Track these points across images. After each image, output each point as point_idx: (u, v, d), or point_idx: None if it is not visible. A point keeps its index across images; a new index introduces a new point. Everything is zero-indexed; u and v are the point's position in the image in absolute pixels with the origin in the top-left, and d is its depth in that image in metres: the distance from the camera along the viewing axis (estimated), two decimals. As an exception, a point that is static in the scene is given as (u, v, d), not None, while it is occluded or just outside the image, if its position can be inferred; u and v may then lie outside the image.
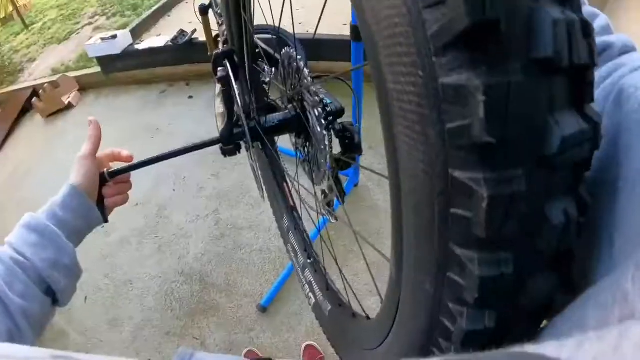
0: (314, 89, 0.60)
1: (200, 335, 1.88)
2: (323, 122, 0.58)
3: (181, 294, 2.02)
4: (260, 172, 0.98)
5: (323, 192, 0.71)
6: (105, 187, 0.72)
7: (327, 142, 0.58)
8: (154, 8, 4.61)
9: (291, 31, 0.65)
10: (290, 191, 1.09)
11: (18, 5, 6.57)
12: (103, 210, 0.72)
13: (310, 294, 0.86)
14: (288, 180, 1.09)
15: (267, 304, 1.87)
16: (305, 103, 0.65)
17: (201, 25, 1.74)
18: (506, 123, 0.18)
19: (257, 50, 0.87)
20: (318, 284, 0.84)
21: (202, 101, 3.30)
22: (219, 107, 0.89)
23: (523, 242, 0.21)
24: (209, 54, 1.87)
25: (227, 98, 0.77)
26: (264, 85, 0.93)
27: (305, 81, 0.61)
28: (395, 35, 0.21)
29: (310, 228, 1.14)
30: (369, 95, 2.17)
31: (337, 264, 0.75)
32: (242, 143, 0.81)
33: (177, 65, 3.59)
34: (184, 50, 3.43)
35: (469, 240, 0.21)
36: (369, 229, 2.02)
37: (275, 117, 0.74)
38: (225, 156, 0.82)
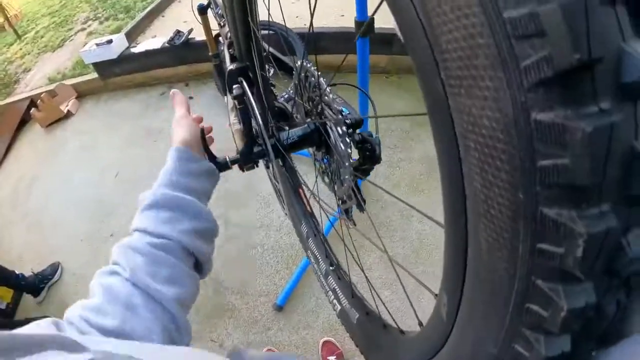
0: (332, 100, 0.59)
1: (218, 337, 1.87)
2: (344, 136, 0.56)
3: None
4: (281, 186, 0.96)
5: (341, 198, 0.70)
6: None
7: (349, 156, 0.57)
8: (147, 9, 4.55)
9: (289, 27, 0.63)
10: (307, 197, 1.06)
11: (9, 16, 6.52)
12: (215, 162, 0.70)
13: (335, 301, 0.84)
14: (304, 186, 1.07)
15: (283, 302, 1.87)
16: (324, 116, 0.64)
17: (197, 24, 1.73)
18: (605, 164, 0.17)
19: (264, 54, 0.85)
20: (343, 291, 0.83)
21: (203, 101, 3.28)
22: (235, 122, 0.88)
23: (604, 271, 0.20)
24: (210, 54, 1.86)
25: (244, 116, 0.76)
26: (274, 93, 0.91)
27: (324, 96, 0.60)
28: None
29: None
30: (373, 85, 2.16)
31: (364, 273, 0.73)
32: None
33: (175, 67, 3.57)
34: (181, 50, 3.40)
35: (556, 273, 0.20)
36: (377, 223, 2.02)
37: (295, 133, 0.71)
38: (243, 171, 0.80)
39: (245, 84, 0.77)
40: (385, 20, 1.68)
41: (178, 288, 0.49)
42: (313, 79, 0.62)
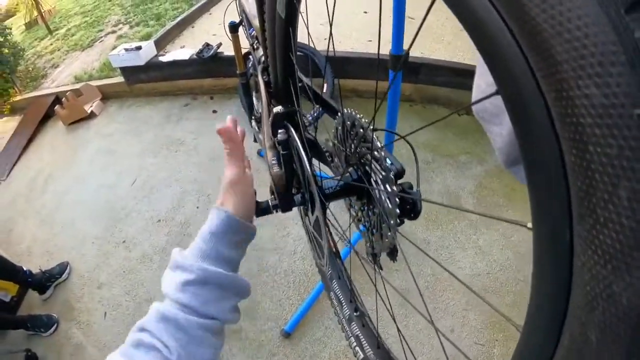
0: (377, 152, 0.58)
1: (222, 358, 1.85)
2: (393, 195, 0.55)
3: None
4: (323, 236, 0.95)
5: (370, 242, 0.68)
6: None
7: (396, 215, 0.55)
8: (178, 19, 4.64)
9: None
10: (332, 235, 1.06)
11: (42, 11, 6.69)
12: (258, 206, 0.70)
13: (358, 349, 0.82)
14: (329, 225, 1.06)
15: (291, 329, 1.84)
16: (366, 166, 0.62)
17: (227, 39, 1.75)
18: None
19: (299, 85, 0.85)
20: (367, 340, 0.81)
21: (226, 116, 3.28)
22: (274, 165, 0.87)
23: None
24: (238, 72, 1.88)
25: (287, 161, 0.75)
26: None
27: (370, 145, 0.58)
28: None
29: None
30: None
31: (398, 329, 0.72)
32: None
33: (201, 79, 3.61)
34: (208, 64, 3.45)
35: None
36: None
37: (336, 183, 0.70)
38: (276, 212, 0.79)
39: (292, 130, 0.76)
40: (413, 49, 1.70)
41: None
42: (360, 128, 0.61)
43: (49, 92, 4.42)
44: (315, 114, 2.56)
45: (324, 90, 2.66)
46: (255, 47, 1.42)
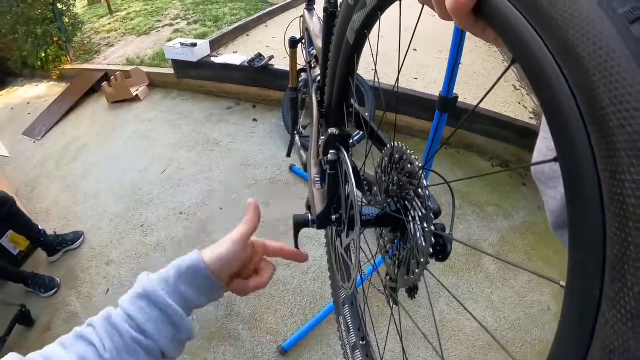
0: (422, 190, 0.58)
1: (215, 360, 1.85)
2: (429, 234, 0.56)
3: (204, 315, 2.01)
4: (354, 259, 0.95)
5: (388, 275, 0.70)
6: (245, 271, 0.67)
7: (428, 254, 0.57)
8: (235, 25, 4.82)
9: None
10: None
11: (107, -10, 6.96)
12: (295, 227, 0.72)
13: (360, 376, 0.84)
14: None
15: (289, 347, 1.84)
16: (406, 201, 0.63)
17: (278, 52, 1.80)
18: None
19: (351, 110, 0.88)
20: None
21: (266, 126, 3.39)
22: (317, 181, 0.90)
23: None
24: (289, 86, 1.94)
25: (333, 182, 0.77)
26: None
27: (420, 188, 0.59)
28: None
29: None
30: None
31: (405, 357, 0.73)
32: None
33: (247, 86, 3.72)
34: (258, 73, 3.55)
35: None
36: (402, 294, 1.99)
37: (373, 211, 0.71)
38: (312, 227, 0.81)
39: (344, 152, 0.78)
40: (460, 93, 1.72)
41: None
42: (408, 163, 0.61)
43: (100, 67, 4.59)
44: (357, 137, 2.61)
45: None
46: (312, 65, 1.47)
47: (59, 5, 4.93)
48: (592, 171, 0.23)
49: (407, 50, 0.50)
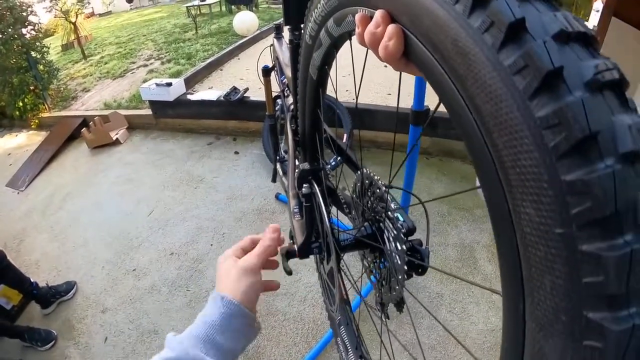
0: (391, 212, 0.61)
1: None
2: (402, 253, 0.59)
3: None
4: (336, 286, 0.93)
5: (380, 293, 0.72)
6: None
7: (404, 272, 0.59)
8: (207, 60, 4.92)
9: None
10: (344, 284, 1.04)
11: (80, 35, 7.03)
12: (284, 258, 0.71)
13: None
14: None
15: (295, 377, 1.86)
16: (380, 223, 0.66)
17: (253, 84, 1.82)
18: None
19: (324, 135, 0.90)
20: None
21: (248, 158, 3.43)
22: (296, 213, 0.92)
23: None
24: (267, 114, 1.98)
25: (309, 213, 0.81)
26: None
27: (389, 211, 0.62)
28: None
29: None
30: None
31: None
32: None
33: (226, 120, 3.78)
34: (234, 107, 3.62)
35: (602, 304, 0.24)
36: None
37: (351, 236, 0.72)
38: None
39: (315, 186, 0.82)
40: (432, 105, 1.78)
41: None
42: (376, 188, 0.65)
43: (78, 114, 4.61)
44: (333, 162, 2.68)
45: (344, 140, 2.77)
46: (285, 94, 1.50)
47: (33, 54, 4.97)
48: (503, 202, 0.27)
49: (362, 72, 0.54)
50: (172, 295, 2.32)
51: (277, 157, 2.07)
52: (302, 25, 0.66)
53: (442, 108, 0.33)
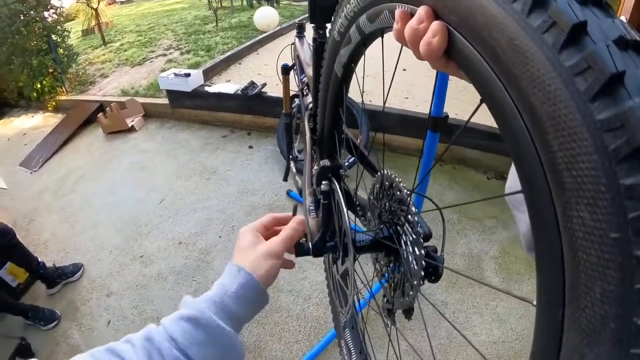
0: (411, 216, 0.61)
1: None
2: (420, 258, 0.58)
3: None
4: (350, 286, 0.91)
5: (386, 297, 0.72)
6: None
7: (420, 278, 0.58)
8: (227, 54, 4.93)
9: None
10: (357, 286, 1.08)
11: (101, 21, 7.09)
12: (299, 246, 0.72)
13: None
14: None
15: (294, 375, 1.86)
16: (397, 227, 0.66)
17: (270, 79, 1.81)
18: None
19: (343, 136, 0.90)
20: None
21: (261, 153, 3.44)
22: (311, 210, 0.91)
23: None
24: (283, 111, 1.98)
25: (326, 211, 0.80)
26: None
27: (409, 214, 0.61)
28: None
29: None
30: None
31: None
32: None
33: (242, 114, 3.79)
34: (251, 101, 3.63)
35: None
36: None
37: (367, 237, 0.72)
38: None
39: (335, 183, 0.81)
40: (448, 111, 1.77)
41: None
42: (397, 191, 0.64)
43: (95, 99, 4.66)
44: (347, 163, 2.67)
45: (359, 141, 2.75)
46: (304, 93, 1.48)
47: (54, 37, 5.03)
48: (549, 205, 0.26)
49: (394, 72, 0.53)
50: (178, 284, 2.33)
51: (291, 156, 2.07)
52: (326, 24, 0.66)
53: (454, 115, 0.31)
